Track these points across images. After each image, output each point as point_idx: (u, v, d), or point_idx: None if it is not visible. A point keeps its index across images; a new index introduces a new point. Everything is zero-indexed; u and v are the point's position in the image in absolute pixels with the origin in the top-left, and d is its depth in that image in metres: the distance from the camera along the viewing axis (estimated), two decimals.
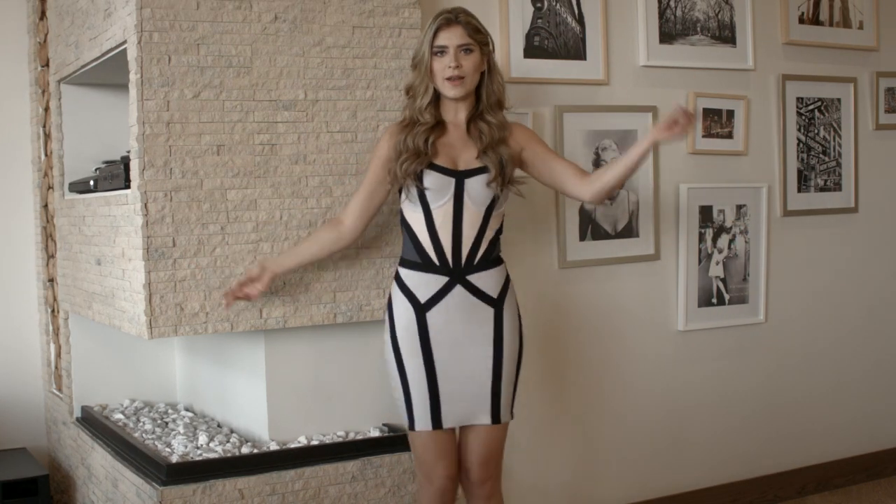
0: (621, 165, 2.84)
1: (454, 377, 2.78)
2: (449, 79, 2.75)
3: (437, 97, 2.81)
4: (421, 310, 2.78)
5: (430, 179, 2.76)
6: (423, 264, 2.79)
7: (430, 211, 2.77)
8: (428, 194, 2.76)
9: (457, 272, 2.78)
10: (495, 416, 2.80)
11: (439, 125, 2.82)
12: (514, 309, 2.86)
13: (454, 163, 2.79)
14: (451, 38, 2.75)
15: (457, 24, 2.76)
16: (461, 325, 2.78)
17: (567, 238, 3.64)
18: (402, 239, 2.87)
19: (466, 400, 2.79)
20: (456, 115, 2.84)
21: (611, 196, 2.86)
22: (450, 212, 2.77)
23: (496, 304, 2.81)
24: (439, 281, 2.77)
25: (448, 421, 2.79)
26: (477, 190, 2.77)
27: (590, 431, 3.74)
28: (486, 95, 2.83)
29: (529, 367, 3.52)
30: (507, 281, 2.86)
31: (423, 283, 2.78)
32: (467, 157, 2.80)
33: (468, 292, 2.78)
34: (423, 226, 2.78)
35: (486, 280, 2.80)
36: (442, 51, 2.75)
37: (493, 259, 2.82)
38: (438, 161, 2.78)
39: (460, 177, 2.77)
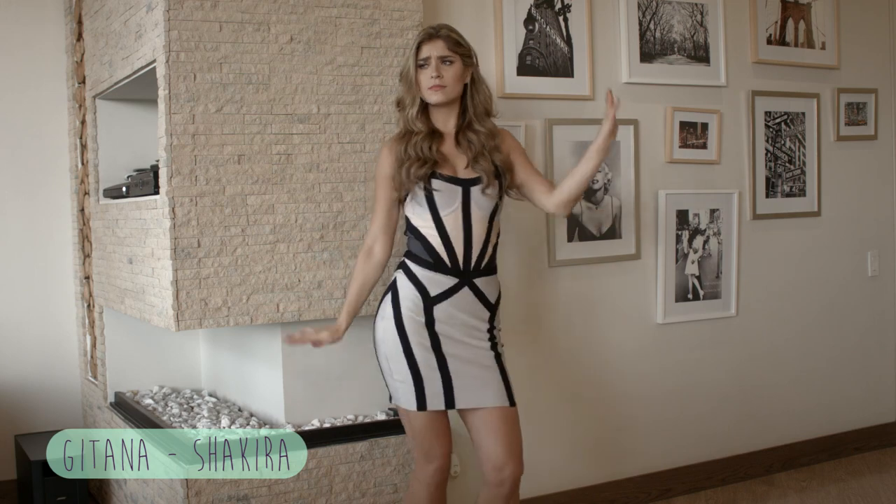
0: (577, 178, 2.76)
1: (461, 361, 2.70)
2: (431, 87, 2.70)
3: (425, 106, 2.76)
4: (430, 301, 2.70)
5: (440, 186, 2.69)
6: (435, 265, 2.71)
7: (441, 218, 2.70)
8: (437, 199, 2.69)
9: (466, 274, 2.71)
10: (511, 400, 2.71)
11: (436, 133, 2.76)
12: (499, 315, 2.82)
13: (455, 171, 2.73)
14: (433, 50, 2.70)
15: (438, 37, 2.71)
16: (462, 319, 2.71)
17: (556, 239, 3.64)
18: (409, 238, 2.78)
19: (477, 383, 2.70)
20: (446, 124, 2.78)
21: (572, 205, 2.81)
22: (459, 218, 2.70)
23: (493, 309, 2.77)
24: (450, 280, 2.70)
25: (461, 402, 2.69)
26: (481, 197, 2.71)
27: (576, 416, 3.74)
28: (472, 106, 2.76)
29: (521, 358, 3.53)
30: (499, 289, 2.82)
31: (436, 281, 2.71)
32: (463, 165, 2.73)
33: (473, 294, 2.72)
34: (434, 232, 2.70)
35: (488, 286, 2.75)
36: (425, 62, 2.71)
37: (493, 266, 2.78)
38: (443, 170, 2.71)
39: (466, 185, 2.71)
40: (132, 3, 3.06)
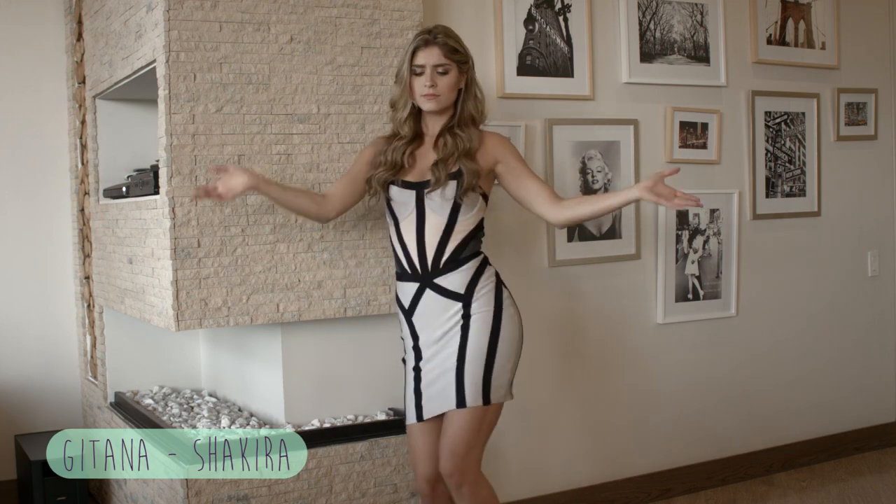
0: (599, 207, 2.69)
1: (431, 371, 2.70)
2: (425, 95, 2.66)
3: (416, 110, 2.73)
4: (407, 314, 2.75)
5: (395, 193, 2.70)
6: (401, 274, 2.74)
7: (399, 223, 2.72)
8: (394, 207, 2.71)
9: (425, 277, 2.69)
10: (460, 401, 2.63)
11: (417, 138, 2.74)
12: (488, 298, 2.69)
13: (421, 175, 2.70)
14: (428, 58, 2.65)
15: (434, 44, 2.65)
16: (437, 324, 2.69)
17: (556, 239, 3.64)
18: None
19: (437, 391, 2.68)
20: (434, 127, 2.75)
21: (574, 225, 2.67)
22: (413, 222, 2.69)
23: (463, 298, 2.68)
24: (413, 287, 2.71)
25: (427, 412, 2.71)
26: (434, 200, 2.66)
27: (576, 416, 3.74)
28: (460, 110, 2.72)
29: (521, 358, 3.52)
30: (479, 274, 2.69)
31: (405, 291, 2.74)
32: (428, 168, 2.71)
33: (437, 294, 2.69)
34: (395, 237, 2.73)
35: (453, 279, 2.68)
36: (420, 70, 2.66)
37: (460, 259, 2.69)
38: (408, 176, 2.70)
39: (420, 188, 2.68)
40: (132, 3, 3.06)
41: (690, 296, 3.97)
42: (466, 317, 2.67)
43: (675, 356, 3.96)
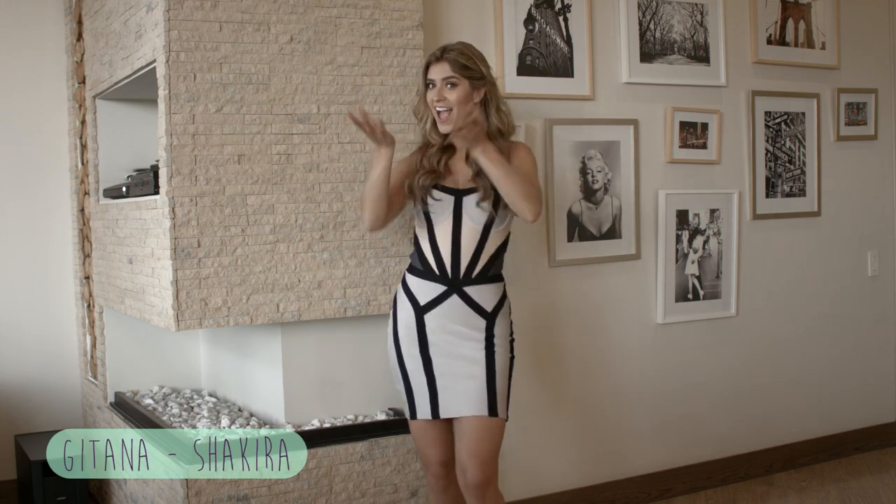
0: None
1: (449, 373, 2.74)
2: (438, 113, 2.75)
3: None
4: (420, 311, 2.77)
5: (435, 197, 2.76)
6: (426, 272, 2.78)
7: (433, 226, 2.77)
8: (432, 211, 2.76)
9: (455, 282, 2.75)
10: (492, 409, 2.71)
11: (450, 147, 2.81)
12: (507, 324, 2.81)
13: (456, 183, 2.78)
14: (438, 72, 2.75)
15: (444, 60, 2.74)
16: (455, 329, 2.74)
17: (556, 239, 3.63)
18: (413, 249, 2.87)
19: (460, 393, 2.73)
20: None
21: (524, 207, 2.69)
22: (449, 227, 2.75)
23: (489, 317, 2.76)
24: (438, 289, 2.76)
25: (444, 412, 2.75)
26: (473, 208, 2.74)
27: (576, 416, 3.73)
28: (487, 125, 2.78)
29: (522, 358, 3.52)
30: (504, 298, 2.82)
31: (424, 289, 2.77)
32: (466, 177, 2.78)
33: (464, 302, 2.75)
34: (426, 239, 2.78)
35: (482, 294, 2.76)
36: (432, 84, 2.76)
37: (491, 276, 2.78)
38: (446, 182, 2.78)
39: (459, 195, 2.75)
40: (132, 3, 3.06)
41: (690, 296, 3.97)
42: (490, 336, 2.76)
43: (675, 356, 3.96)
